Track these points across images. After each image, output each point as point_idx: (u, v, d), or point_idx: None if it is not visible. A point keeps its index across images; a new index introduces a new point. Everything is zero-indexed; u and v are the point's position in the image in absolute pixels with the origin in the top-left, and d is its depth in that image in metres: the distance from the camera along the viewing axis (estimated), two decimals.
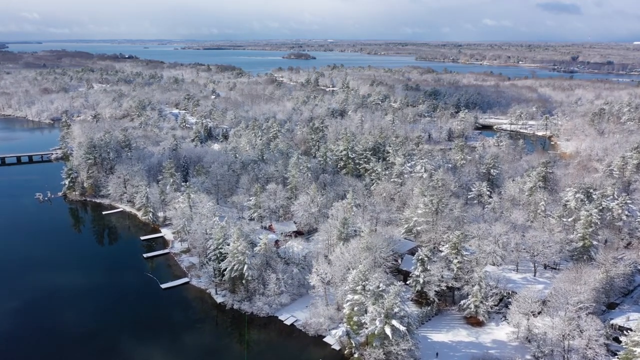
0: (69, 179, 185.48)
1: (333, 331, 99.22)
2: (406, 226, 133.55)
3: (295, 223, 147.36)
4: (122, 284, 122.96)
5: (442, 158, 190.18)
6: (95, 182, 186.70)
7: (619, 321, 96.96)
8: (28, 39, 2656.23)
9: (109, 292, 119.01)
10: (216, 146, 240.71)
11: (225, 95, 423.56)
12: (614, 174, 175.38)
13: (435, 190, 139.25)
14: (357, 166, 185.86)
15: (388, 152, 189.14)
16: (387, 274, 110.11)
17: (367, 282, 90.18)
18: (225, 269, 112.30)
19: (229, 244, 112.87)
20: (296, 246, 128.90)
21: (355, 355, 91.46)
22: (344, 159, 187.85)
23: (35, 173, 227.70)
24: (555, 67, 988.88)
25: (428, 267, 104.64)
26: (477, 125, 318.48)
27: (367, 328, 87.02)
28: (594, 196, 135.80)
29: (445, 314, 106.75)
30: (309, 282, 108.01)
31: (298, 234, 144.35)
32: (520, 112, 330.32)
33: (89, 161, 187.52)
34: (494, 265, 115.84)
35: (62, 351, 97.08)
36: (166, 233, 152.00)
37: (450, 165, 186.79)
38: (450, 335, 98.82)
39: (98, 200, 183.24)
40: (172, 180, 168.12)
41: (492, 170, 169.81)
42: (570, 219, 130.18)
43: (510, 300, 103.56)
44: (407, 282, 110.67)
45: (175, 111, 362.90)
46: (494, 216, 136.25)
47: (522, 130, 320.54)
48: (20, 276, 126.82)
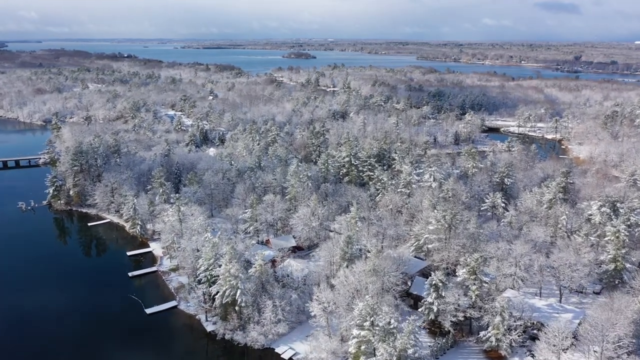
0: (54, 187, 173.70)
1: None
2: (416, 243, 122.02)
3: (294, 237, 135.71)
4: (103, 307, 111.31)
5: (452, 165, 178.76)
6: (81, 190, 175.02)
7: None
8: (28, 38, 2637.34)
9: (88, 316, 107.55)
10: (212, 151, 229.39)
11: (223, 95, 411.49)
12: (638, 184, 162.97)
13: (447, 203, 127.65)
14: (361, 174, 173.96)
15: (394, 159, 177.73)
16: (396, 299, 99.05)
17: (375, 316, 78.86)
18: (216, 294, 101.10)
19: (220, 266, 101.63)
20: (295, 266, 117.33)
21: None
22: (346, 166, 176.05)
23: (21, 179, 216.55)
24: (559, 67, 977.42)
25: (442, 294, 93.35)
26: (484, 127, 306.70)
27: None
28: (620, 210, 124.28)
29: (462, 347, 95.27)
30: (309, 309, 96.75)
31: (297, 249, 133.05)
32: (528, 114, 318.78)
33: (75, 168, 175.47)
34: (513, 288, 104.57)
35: None
36: (155, 248, 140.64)
37: (459, 172, 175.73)
38: None
39: (84, 210, 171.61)
40: (161, 190, 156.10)
41: (506, 180, 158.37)
42: (594, 236, 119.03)
43: (534, 331, 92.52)
44: (419, 309, 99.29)
45: (171, 112, 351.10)
46: (512, 232, 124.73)
47: (530, 134, 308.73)
48: None
